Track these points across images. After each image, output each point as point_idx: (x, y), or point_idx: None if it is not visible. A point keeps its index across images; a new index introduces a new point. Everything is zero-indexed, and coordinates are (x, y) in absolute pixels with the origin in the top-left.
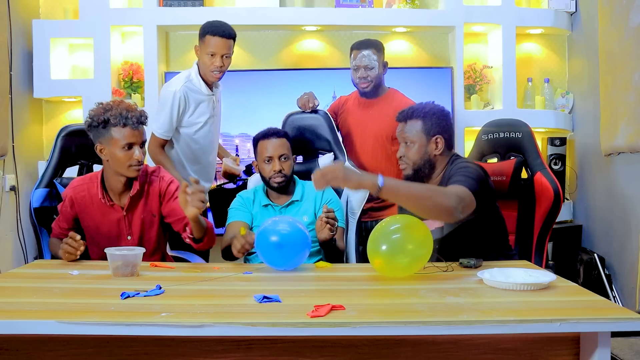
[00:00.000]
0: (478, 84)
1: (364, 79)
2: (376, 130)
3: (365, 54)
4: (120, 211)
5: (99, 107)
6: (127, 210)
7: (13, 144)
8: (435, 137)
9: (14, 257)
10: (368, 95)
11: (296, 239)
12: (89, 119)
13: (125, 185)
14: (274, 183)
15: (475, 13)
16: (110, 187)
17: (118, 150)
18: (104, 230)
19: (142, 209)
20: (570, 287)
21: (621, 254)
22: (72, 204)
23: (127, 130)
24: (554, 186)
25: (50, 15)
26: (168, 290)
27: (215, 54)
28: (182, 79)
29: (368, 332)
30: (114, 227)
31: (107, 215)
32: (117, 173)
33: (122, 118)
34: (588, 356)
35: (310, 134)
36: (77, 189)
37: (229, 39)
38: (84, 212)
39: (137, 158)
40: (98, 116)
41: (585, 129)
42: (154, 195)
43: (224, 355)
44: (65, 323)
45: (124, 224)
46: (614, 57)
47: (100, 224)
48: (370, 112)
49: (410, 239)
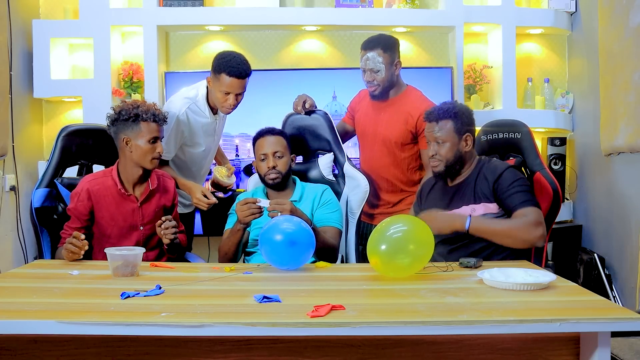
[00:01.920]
0: (478, 84)
1: (370, 82)
2: (385, 136)
3: (369, 57)
4: (135, 202)
5: (127, 104)
6: (141, 202)
7: (13, 144)
8: (465, 135)
9: (14, 257)
10: (377, 98)
11: (305, 237)
12: (117, 113)
13: (140, 179)
14: (268, 180)
15: (475, 13)
16: (127, 179)
17: (144, 143)
18: (119, 220)
19: (157, 202)
20: (570, 287)
21: (621, 254)
22: (88, 196)
23: (154, 125)
24: (553, 186)
25: (50, 15)
26: (168, 290)
27: (229, 93)
28: (185, 100)
29: (368, 332)
30: (129, 217)
31: (122, 205)
32: (137, 164)
33: (151, 114)
34: (588, 356)
35: (310, 134)
36: (92, 182)
37: (245, 78)
38: (99, 203)
39: (159, 151)
40: (129, 111)
41: (585, 129)
42: (168, 190)
43: (224, 355)
44: (65, 323)
45: (138, 215)
46: (614, 57)
47: (115, 214)
48: (380, 116)
49: (412, 239)
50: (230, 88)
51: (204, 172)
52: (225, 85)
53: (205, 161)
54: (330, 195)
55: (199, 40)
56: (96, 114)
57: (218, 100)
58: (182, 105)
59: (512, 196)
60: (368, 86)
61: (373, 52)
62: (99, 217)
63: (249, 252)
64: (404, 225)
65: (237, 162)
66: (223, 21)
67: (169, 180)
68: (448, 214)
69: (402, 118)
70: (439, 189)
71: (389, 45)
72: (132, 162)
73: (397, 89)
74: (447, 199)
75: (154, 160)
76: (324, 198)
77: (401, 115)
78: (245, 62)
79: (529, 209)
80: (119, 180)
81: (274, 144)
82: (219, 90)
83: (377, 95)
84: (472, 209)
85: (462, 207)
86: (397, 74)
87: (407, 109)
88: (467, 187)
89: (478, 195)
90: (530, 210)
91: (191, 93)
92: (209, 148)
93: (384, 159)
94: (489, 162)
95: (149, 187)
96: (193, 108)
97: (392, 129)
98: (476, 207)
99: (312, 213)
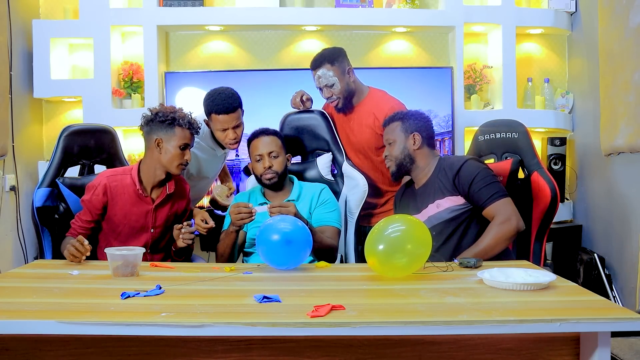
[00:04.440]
0: (478, 84)
1: (330, 98)
2: (358, 143)
3: (320, 74)
4: (150, 204)
5: (164, 107)
6: (157, 205)
7: (13, 144)
8: (413, 134)
9: (14, 257)
10: (343, 110)
11: (301, 236)
12: (153, 114)
13: (160, 182)
14: (265, 180)
15: (475, 13)
16: (147, 180)
17: (174, 148)
18: (131, 220)
19: (170, 207)
20: (570, 287)
21: (621, 254)
22: (104, 191)
23: (188, 132)
24: (551, 186)
25: (50, 15)
26: (168, 290)
27: (227, 129)
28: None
29: (368, 332)
30: (142, 218)
31: (136, 205)
32: (163, 167)
33: (187, 122)
34: (588, 356)
35: (308, 134)
36: (110, 178)
37: (235, 112)
38: (114, 200)
39: (187, 159)
40: (166, 114)
41: (585, 129)
42: (182, 197)
43: (224, 355)
44: (65, 323)
45: (151, 217)
46: (614, 57)
47: (128, 213)
48: (350, 125)
49: (409, 238)
50: (224, 124)
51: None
52: (219, 123)
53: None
54: (328, 195)
55: (199, 40)
56: (96, 114)
57: (220, 138)
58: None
59: (477, 193)
60: (330, 102)
61: (322, 69)
62: (111, 213)
63: (247, 253)
64: (401, 225)
65: (237, 161)
66: (223, 21)
67: (185, 184)
68: None
69: (369, 122)
70: (408, 194)
71: (334, 56)
72: (159, 164)
73: (359, 94)
74: (415, 201)
75: (180, 166)
76: (322, 197)
77: (368, 119)
78: (231, 96)
79: (497, 204)
80: (139, 180)
81: (269, 144)
82: (217, 129)
83: (341, 107)
84: (437, 204)
85: (428, 206)
86: (353, 80)
87: (372, 111)
88: (430, 186)
89: (441, 191)
90: (498, 205)
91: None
92: (215, 176)
93: (362, 165)
94: (448, 159)
95: (166, 191)
96: (198, 146)
97: (362, 135)
98: (441, 201)
99: (310, 212)
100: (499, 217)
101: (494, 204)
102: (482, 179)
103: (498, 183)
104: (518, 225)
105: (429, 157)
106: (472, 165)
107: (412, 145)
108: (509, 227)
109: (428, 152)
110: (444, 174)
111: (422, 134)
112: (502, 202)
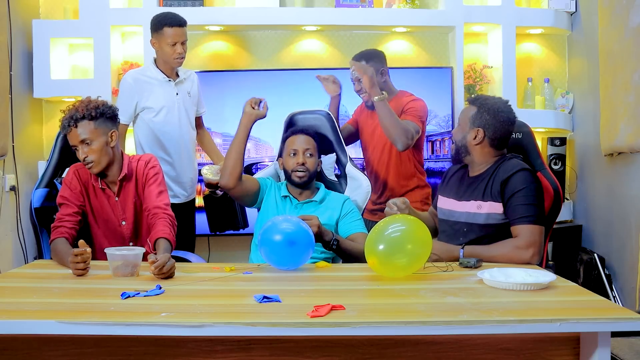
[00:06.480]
0: (478, 84)
1: (359, 91)
2: (383, 140)
3: (352, 68)
4: (112, 196)
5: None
6: (117, 195)
7: (13, 144)
8: (477, 129)
9: (14, 257)
10: (372, 107)
11: (304, 237)
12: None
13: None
14: (295, 177)
15: (475, 13)
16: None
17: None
18: (103, 215)
19: (133, 194)
20: (570, 287)
21: (621, 254)
22: (79, 178)
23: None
24: (554, 186)
25: (50, 15)
26: (168, 290)
27: (176, 43)
28: (131, 71)
29: (368, 332)
30: (110, 212)
31: (101, 199)
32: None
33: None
34: (588, 356)
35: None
36: (80, 169)
37: (184, 26)
38: (86, 192)
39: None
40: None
41: (585, 129)
42: (137, 171)
43: (224, 355)
44: (65, 323)
45: (117, 209)
46: (614, 57)
47: (99, 208)
48: (377, 122)
49: (410, 238)
50: (175, 38)
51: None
52: (170, 36)
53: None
54: (351, 205)
55: (199, 40)
56: None
57: (168, 55)
58: (127, 75)
59: (514, 207)
60: (360, 96)
61: (358, 63)
62: (88, 209)
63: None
64: (402, 225)
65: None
66: (223, 21)
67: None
68: (443, 244)
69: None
70: (459, 176)
71: (370, 56)
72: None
73: (388, 94)
74: (462, 188)
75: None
76: (346, 208)
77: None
78: (177, 14)
79: (525, 228)
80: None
81: (306, 142)
82: (166, 44)
83: (370, 105)
84: (478, 205)
85: (470, 201)
86: (384, 81)
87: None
88: (481, 182)
89: (488, 193)
90: (525, 229)
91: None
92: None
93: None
94: (508, 160)
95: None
96: (139, 71)
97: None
98: (483, 204)
99: (337, 222)
100: (520, 240)
101: (523, 225)
102: (525, 196)
103: (538, 206)
104: (532, 260)
105: (488, 156)
106: (522, 176)
107: (473, 140)
108: (524, 255)
109: (489, 151)
110: (498, 176)
111: (487, 132)
112: (531, 228)
